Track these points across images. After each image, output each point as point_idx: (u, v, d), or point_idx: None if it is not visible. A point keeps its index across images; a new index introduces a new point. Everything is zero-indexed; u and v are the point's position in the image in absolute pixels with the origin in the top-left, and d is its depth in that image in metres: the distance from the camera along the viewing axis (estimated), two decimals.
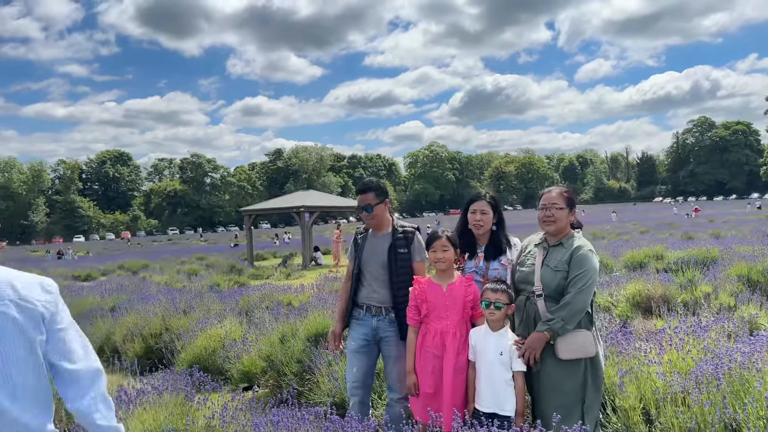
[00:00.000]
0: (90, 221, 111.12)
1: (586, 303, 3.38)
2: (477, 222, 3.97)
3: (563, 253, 3.50)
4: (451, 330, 3.63)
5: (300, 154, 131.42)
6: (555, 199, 3.56)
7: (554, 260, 3.51)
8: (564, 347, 3.36)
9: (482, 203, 3.99)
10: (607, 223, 45.21)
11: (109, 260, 31.29)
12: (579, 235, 3.61)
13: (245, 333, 6.87)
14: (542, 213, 3.58)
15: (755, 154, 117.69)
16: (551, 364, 3.42)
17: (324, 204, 26.32)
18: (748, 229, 23.84)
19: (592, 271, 3.41)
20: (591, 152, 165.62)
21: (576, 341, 3.35)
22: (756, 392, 3.37)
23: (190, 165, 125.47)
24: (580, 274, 3.38)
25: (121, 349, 7.75)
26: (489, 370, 3.49)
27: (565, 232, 3.58)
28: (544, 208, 3.56)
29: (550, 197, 3.58)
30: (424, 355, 3.67)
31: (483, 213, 3.97)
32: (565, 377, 3.40)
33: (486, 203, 3.99)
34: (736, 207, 66.81)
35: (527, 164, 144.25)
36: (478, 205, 3.99)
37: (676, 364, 4.16)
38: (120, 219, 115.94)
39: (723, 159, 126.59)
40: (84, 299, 10.59)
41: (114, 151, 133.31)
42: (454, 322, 3.64)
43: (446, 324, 3.64)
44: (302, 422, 3.36)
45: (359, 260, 4.19)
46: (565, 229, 3.58)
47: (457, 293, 3.67)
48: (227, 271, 19.61)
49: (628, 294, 8.32)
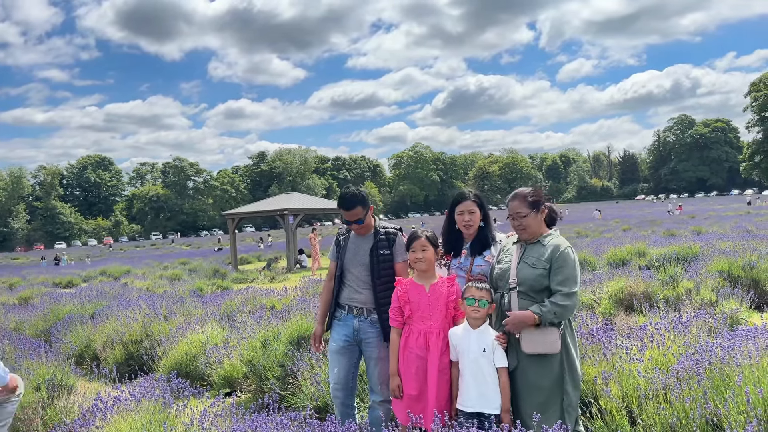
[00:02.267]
0: (71, 227, 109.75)
1: (576, 303, 3.45)
2: (466, 222, 3.96)
3: (542, 251, 3.52)
4: (435, 330, 3.61)
5: (284, 157, 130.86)
6: (518, 208, 3.58)
7: (532, 257, 3.53)
8: (528, 340, 3.40)
9: (468, 203, 3.98)
10: (591, 221, 45.55)
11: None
12: (556, 233, 3.64)
13: (227, 338, 6.79)
14: (513, 223, 3.64)
15: (735, 151, 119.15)
16: (525, 361, 3.45)
17: (308, 206, 26.19)
18: (729, 225, 24.12)
19: (576, 269, 3.47)
20: (573, 151, 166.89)
21: (541, 337, 3.38)
22: (736, 387, 3.37)
23: (173, 169, 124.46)
24: (570, 277, 3.42)
25: (101, 356, 7.64)
26: (474, 368, 3.48)
27: (539, 232, 3.62)
28: (512, 218, 3.62)
29: (514, 207, 3.61)
30: (407, 356, 3.64)
31: (471, 213, 3.96)
32: (542, 374, 3.41)
33: (472, 202, 3.98)
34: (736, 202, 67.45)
35: (511, 164, 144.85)
36: (465, 205, 3.98)
37: (658, 361, 4.17)
38: (102, 225, 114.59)
39: (703, 156, 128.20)
40: (63, 306, 10.41)
41: (95, 156, 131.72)
42: (438, 323, 3.62)
43: (429, 325, 3.62)
44: (281, 427, 3.30)
45: (341, 261, 4.19)
46: (539, 230, 3.61)
47: (440, 293, 3.65)
48: (210, 275, 19.44)
49: (611, 291, 8.35)
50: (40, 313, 10.09)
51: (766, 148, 76.74)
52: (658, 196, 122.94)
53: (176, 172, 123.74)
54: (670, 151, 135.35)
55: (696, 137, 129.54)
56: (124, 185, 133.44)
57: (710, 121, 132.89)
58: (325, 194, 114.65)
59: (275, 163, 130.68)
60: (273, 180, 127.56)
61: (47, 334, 8.86)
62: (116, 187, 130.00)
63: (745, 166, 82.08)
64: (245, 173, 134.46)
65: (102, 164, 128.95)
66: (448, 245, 4.07)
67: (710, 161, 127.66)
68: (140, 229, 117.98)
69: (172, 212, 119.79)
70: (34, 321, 9.77)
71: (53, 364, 5.93)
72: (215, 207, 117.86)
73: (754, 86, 79.50)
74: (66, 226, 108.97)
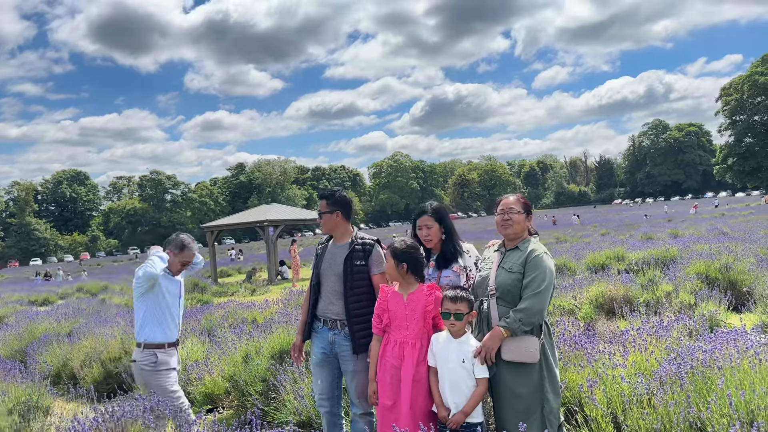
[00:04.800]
0: (47, 243, 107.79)
1: (543, 305, 3.42)
2: (425, 237, 4.02)
3: (519, 256, 3.57)
4: (410, 341, 3.60)
5: (263, 168, 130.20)
6: (512, 204, 3.67)
7: (509, 262, 3.58)
8: (507, 348, 3.41)
9: (425, 218, 4.04)
10: (569, 225, 46.02)
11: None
12: (535, 240, 3.68)
13: (207, 353, 6.69)
14: (500, 217, 3.68)
15: (708, 155, 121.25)
16: (504, 368, 3.46)
17: (288, 217, 26.04)
18: (704, 227, 24.48)
19: (548, 274, 3.46)
20: (551, 157, 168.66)
21: (521, 345, 3.39)
22: (718, 390, 3.39)
23: (150, 182, 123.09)
24: (536, 277, 3.43)
25: (79, 375, 7.47)
26: (452, 377, 3.46)
27: (521, 236, 3.67)
28: (503, 212, 3.66)
29: (508, 202, 3.69)
30: (383, 365, 3.64)
31: (428, 228, 4.01)
32: (520, 382, 3.42)
33: (428, 217, 4.03)
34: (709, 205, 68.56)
35: (489, 171, 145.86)
36: (423, 220, 4.04)
37: (641, 366, 4.18)
38: (78, 240, 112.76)
39: (678, 160, 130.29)
40: (39, 324, 10.20)
41: (70, 170, 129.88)
42: (414, 333, 3.61)
43: (405, 334, 3.61)
44: None
45: (317, 270, 4.19)
46: (522, 233, 3.67)
47: (417, 303, 3.64)
48: (190, 289, 19.17)
49: (591, 296, 8.41)
50: (15, 333, 9.86)
51: (738, 151, 78.12)
52: (634, 200, 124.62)
53: (153, 185, 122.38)
54: (645, 156, 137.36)
55: (670, 141, 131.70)
56: (100, 200, 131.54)
57: (683, 125, 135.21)
58: (305, 204, 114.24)
59: (254, 174, 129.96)
60: (252, 191, 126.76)
61: (22, 354, 8.66)
62: (92, 202, 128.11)
63: (718, 168, 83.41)
64: (224, 185, 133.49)
65: (77, 179, 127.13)
66: None
67: (684, 165, 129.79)
68: (117, 243, 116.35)
69: (150, 226, 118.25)
70: (8, 341, 9.54)
71: (29, 385, 5.79)
72: (194, 219, 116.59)
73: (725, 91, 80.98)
74: (41, 242, 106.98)
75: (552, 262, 3.56)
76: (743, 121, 78.95)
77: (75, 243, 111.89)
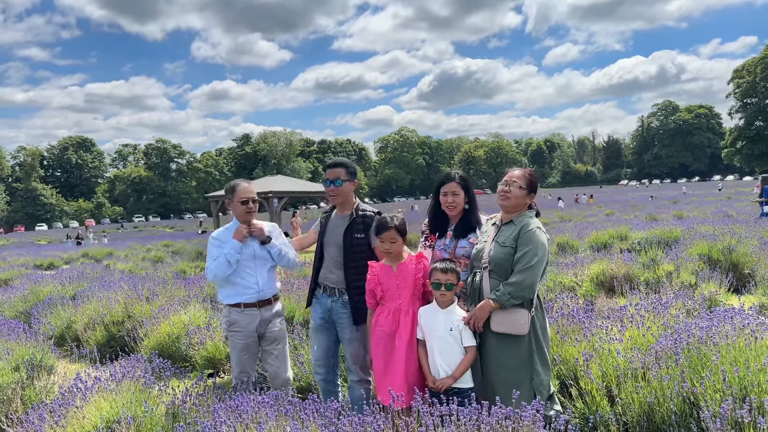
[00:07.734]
0: (52, 209, 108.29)
1: (534, 279, 3.43)
2: (450, 204, 3.95)
3: (512, 230, 3.57)
4: (404, 308, 3.69)
5: (268, 140, 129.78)
6: (517, 177, 3.64)
7: (503, 236, 3.58)
8: (497, 320, 3.45)
9: (452, 185, 3.97)
10: (575, 206, 46.00)
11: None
12: (531, 215, 3.66)
13: (210, 319, 6.76)
14: (501, 188, 3.65)
15: (717, 137, 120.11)
16: (493, 339, 3.50)
17: (292, 189, 26.08)
18: (710, 209, 24.40)
19: (540, 248, 3.47)
20: (558, 136, 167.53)
21: (510, 317, 3.43)
22: (713, 366, 3.42)
23: (155, 151, 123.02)
24: (528, 252, 3.44)
25: (82, 338, 7.57)
26: (441, 345, 3.53)
27: (518, 211, 3.65)
28: (505, 184, 3.64)
29: (513, 174, 3.66)
30: (376, 334, 3.73)
31: (454, 194, 3.95)
32: (508, 354, 3.47)
33: (456, 184, 3.97)
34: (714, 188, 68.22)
35: (496, 149, 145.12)
36: (449, 186, 3.97)
37: (637, 341, 4.21)
38: (84, 206, 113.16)
39: (686, 142, 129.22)
40: (44, 287, 10.30)
41: (77, 137, 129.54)
42: (407, 300, 3.70)
43: (399, 303, 3.70)
44: (263, 406, 3.30)
45: (321, 240, 4.25)
46: (518, 208, 3.65)
47: (408, 272, 3.73)
48: (194, 257, 19.32)
49: (592, 274, 8.43)
50: (20, 295, 9.97)
51: (748, 134, 77.32)
52: (641, 182, 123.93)
53: (159, 153, 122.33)
54: (653, 137, 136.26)
55: (679, 123, 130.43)
56: (106, 167, 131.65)
57: (693, 107, 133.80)
58: (310, 177, 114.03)
59: (260, 145, 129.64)
60: (258, 163, 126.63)
61: (27, 316, 8.76)
62: (98, 169, 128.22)
63: (727, 152, 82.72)
64: (229, 156, 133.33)
65: (83, 145, 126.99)
66: (434, 226, 4.08)
67: (693, 147, 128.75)
68: (122, 211, 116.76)
69: (155, 194, 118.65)
70: (13, 302, 9.66)
71: (33, 344, 5.87)
72: (199, 189, 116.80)
73: (737, 73, 79.93)
74: (47, 207, 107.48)
75: (545, 237, 3.57)
76: (755, 104, 78.06)
77: (80, 209, 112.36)
